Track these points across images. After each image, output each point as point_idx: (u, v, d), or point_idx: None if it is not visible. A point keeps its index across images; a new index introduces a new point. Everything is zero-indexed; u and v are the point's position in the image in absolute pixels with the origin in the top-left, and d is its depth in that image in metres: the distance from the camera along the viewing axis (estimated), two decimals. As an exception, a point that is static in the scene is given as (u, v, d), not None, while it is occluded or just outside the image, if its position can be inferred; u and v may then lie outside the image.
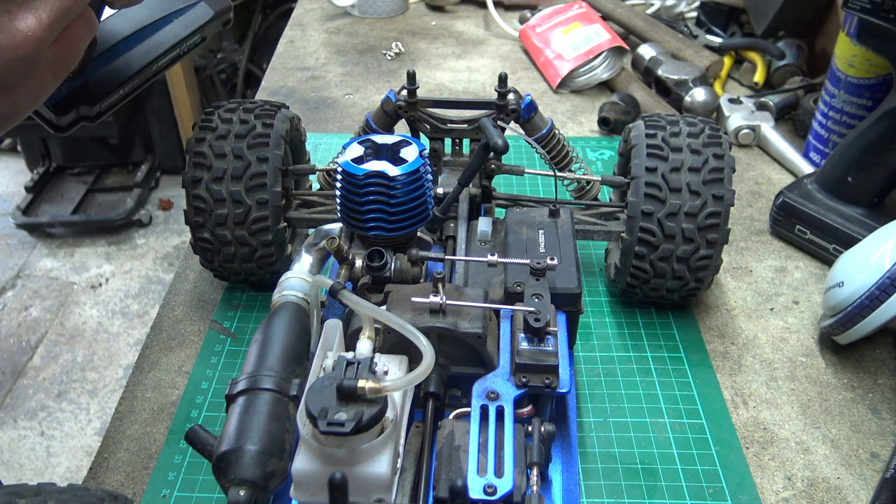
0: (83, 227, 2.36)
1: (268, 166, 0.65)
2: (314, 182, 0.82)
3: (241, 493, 0.44)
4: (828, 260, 0.77)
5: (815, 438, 0.61)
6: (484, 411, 0.47)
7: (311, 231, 0.75)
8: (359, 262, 0.59)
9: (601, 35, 1.11)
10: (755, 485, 0.57)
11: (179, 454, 0.59)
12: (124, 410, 0.63)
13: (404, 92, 0.71)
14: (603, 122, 1.01)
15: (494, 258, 0.55)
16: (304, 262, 0.62)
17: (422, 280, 0.59)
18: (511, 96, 0.70)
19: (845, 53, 0.85)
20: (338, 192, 0.61)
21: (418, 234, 0.64)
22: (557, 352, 0.49)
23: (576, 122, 1.06)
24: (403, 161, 0.59)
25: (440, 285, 0.51)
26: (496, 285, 0.56)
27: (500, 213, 0.71)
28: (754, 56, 1.14)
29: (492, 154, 0.63)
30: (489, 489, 0.42)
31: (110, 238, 2.36)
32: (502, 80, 0.69)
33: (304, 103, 1.11)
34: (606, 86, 1.13)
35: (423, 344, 0.46)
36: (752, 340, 0.70)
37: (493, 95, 0.70)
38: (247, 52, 2.54)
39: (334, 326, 0.51)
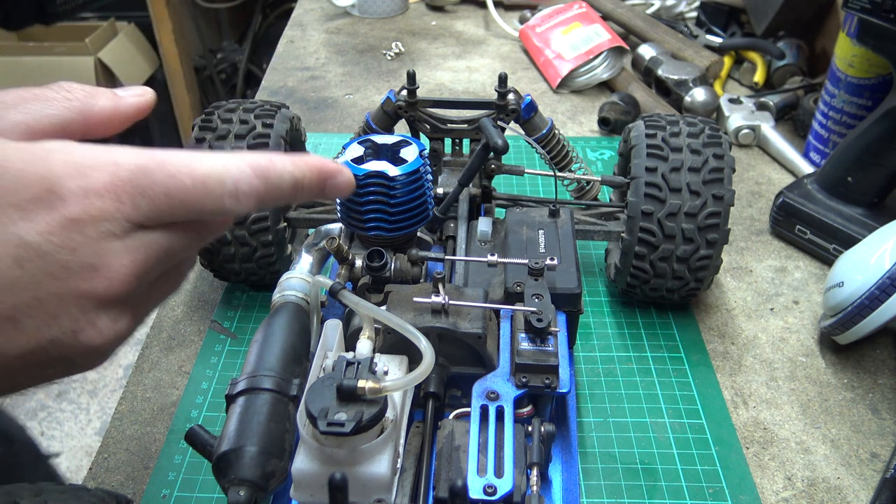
0: (83, 227, 2.36)
1: (268, 166, 0.65)
2: (314, 182, 0.82)
3: (241, 493, 0.44)
4: (828, 260, 0.77)
5: (815, 438, 0.61)
6: (484, 411, 0.47)
7: (311, 231, 0.75)
8: (359, 262, 0.59)
9: (601, 35, 1.11)
10: (755, 485, 0.57)
11: (179, 454, 0.59)
12: (124, 410, 0.63)
13: (404, 92, 0.71)
14: (603, 122, 1.01)
15: (494, 258, 0.55)
16: (304, 262, 0.62)
17: (422, 280, 0.59)
18: (511, 96, 0.70)
19: (845, 53, 0.85)
20: (338, 192, 0.61)
21: (418, 234, 0.64)
22: (557, 352, 0.49)
23: (576, 122, 1.05)
24: (403, 161, 0.59)
25: (440, 285, 0.51)
26: (496, 285, 0.56)
27: (500, 213, 0.71)
28: (754, 56, 1.14)
29: (492, 154, 0.63)
30: (489, 489, 0.42)
31: (110, 238, 2.36)
32: (502, 80, 0.69)
33: (304, 103, 1.11)
34: (606, 86, 1.13)
35: (423, 344, 0.46)
36: (752, 340, 0.70)
37: (493, 95, 0.70)
38: (247, 52, 2.54)
39: (334, 326, 0.51)
